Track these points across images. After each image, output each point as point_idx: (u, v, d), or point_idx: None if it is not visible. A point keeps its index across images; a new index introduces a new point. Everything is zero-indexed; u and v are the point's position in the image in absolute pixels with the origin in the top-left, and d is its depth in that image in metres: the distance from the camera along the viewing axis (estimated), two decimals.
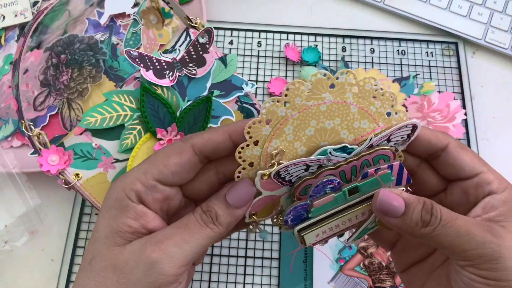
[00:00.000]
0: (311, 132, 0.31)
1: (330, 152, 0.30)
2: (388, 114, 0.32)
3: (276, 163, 0.30)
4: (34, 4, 0.56)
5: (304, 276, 0.48)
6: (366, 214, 0.32)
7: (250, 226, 0.34)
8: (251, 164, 0.31)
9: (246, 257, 0.49)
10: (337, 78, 0.30)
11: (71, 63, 0.53)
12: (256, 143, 0.30)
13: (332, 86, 0.30)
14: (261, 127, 0.30)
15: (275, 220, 0.34)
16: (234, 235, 0.50)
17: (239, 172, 0.31)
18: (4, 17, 0.55)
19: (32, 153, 0.52)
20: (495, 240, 0.27)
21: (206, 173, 0.32)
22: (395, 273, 0.49)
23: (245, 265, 0.49)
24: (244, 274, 0.49)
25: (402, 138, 0.32)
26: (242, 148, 0.30)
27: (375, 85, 0.31)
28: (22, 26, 0.57)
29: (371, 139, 0.31)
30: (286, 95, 0.30)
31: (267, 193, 0.31)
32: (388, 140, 0.32)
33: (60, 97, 0.52)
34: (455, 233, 0.28)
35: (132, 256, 0.27)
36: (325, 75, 0.30)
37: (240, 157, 0.31)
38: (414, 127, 0.32)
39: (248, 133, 0.30)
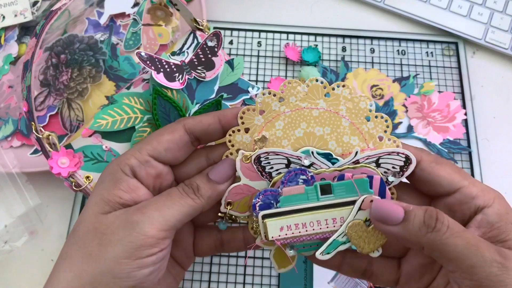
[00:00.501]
0: (300, 133, 0.31)
1: (312, 152, 0.30)
2: (380, 138, 0.32)
3: (258, 149, 0.31)
4: (34, 4, 0.56)
5: (304, 276, 0.48)
6: (338, 223, 0.30)
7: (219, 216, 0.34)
8: (238, 151, 0.32)
9: (246, 257, 0.49)
10: (333, 89, 0.31)
11: (71, 63, 0.53)
12: (246, 130, 0.31)
13: (328, 95, 0.31)
14: (254, 116, 0.31)
15: (251, 227, 0.33)
16: None
17: (226, 156, 0.32)
18: (4, 17, 0.55)
19: (32, 153, 0.52)
20: (504, 262, 0.25)
21: (197, 158, 0.33)
22: None
23: (245, 265, 0.49)
24: (244, 274, 0.49)
25: (394, 168, 0.31)
26: (233, 131, 0.32)
27: (370, 106, 0.31)
28: (22, 26, 0.57)
29: (357, 153, 0.30)
30: (282, 91, 0.31)
31: (246, 181, 0.32)
32: (377, 165, 0.31)
33: (60, 97, 0.52)
34: (465, 245, 0.26)
35: (115, 219, 0.28)
36: (322, 82, 0.31)
37: (229, 141, 0.32)
38: (408, 159, 0.30)
39: (241, 118, 0.31)
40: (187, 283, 0.48)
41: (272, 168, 0.31)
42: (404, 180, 0.33)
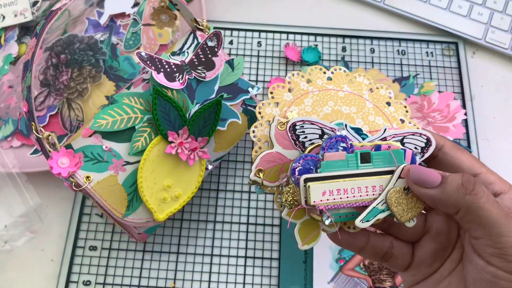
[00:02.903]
0: (328, 110, 0.33)
1: (346, 125, 0.31)
2: (402, 121, 0.34)
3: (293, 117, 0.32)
4: (34, 4, 0.56)
5: (304, 276, 0.48)
6: (377, 191, 0.30)
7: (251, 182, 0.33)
8: (268, 122, 0.33)
9: (246, 257, 0.49)
10: (355, 77, 0.34)
11: (71, 63, 0.53)
12: (276, 105, 0.34)
13: (350, 82, 0.34)
14: (283, 92, 0.34)
15: (278, 201, 0.33)
16: (234, 235, 0.50)
17: (255, 126, 0.33)
18: (4, 17, 0.55)
19: (32, 153, 0.52)
20: None
21: None
22: (395, 273, 0.49)
23: (245, 265, 0.49)
24: (244, 274, 0.49)
25: (416, 148, 0.32)
26: (263, 104, 0.33)
27: (389, 94, 0.34)
28: (22, 26, 0.57)
29: (385, 130, 0.31)
30: (310, 74, 0.34)
31: (279, 149, 0.32)
32: (402, 144, 0.32)
33: (60, 97, 0.52)
34: (498, 213, 0.26)
35: None
36: (344, 71, 0.35)
37: (259, 112, 0.33)
38: (428, 141, 0.32)
39: (271, 93, 0.34)
40: (187, 283, 0.48)
41: (306, 137, 0.31)
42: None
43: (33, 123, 0.37)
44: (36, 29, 0.37)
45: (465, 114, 0.56)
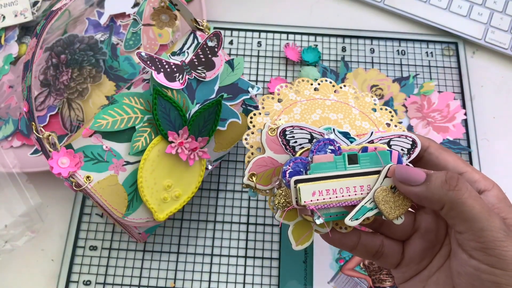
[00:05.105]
0: (316, 117, 0.35)
1: (334, 129, 0.33)
2: (388, 124, 0.35)
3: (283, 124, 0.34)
4: (34, 4, 0.56)
5: (304, 276, 0.48)
6: (365, 190, 0.31)
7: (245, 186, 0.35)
8: (259, 130, 0.35)
9: (246, 257, 0.49)
10: (340, 87, 0.36)
11: (71, 63, 0.53)
12: (267, 114, 0.35)
13: (336, 92, 0.36)
14: (273, 102, 0.35)
15: (272, 203, 0.34)
16: (234, 235, 0.50)
17: (248, 134, 0.35)
18: (4, 17, 0.55)
19: (32, 153, 0.52)
20: (508, 230, 0.27)
21: None
22: None
23: (245, 265, 0.49)
24: (244, 274, 0.49)
25: (402, 150, 0.33)
26: (254, 114, 0.35)
27: (374, 101, 0.36)
28: (22, 26, 0.57)
29: (372, 133, 0.33)
30: (297, 86, 0.36)
31: (270, 154, 0.33)
32: (389, 146, 0.33)
33: (60, 97, 0.52)
34: (480, 209, 0.27)
35: None
36: (330, 82, 0.37)
37: (251, 122, 0.35)
38: (414, 143, 0.33)
39: (262, 103, 0.35)
40: (187, 283, 0.48)
41: (296, 142, 0.33)
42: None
43: (33, 123, 0.37)
44: (36, 29, 0.37)
45: (465, 114, 0.57)
